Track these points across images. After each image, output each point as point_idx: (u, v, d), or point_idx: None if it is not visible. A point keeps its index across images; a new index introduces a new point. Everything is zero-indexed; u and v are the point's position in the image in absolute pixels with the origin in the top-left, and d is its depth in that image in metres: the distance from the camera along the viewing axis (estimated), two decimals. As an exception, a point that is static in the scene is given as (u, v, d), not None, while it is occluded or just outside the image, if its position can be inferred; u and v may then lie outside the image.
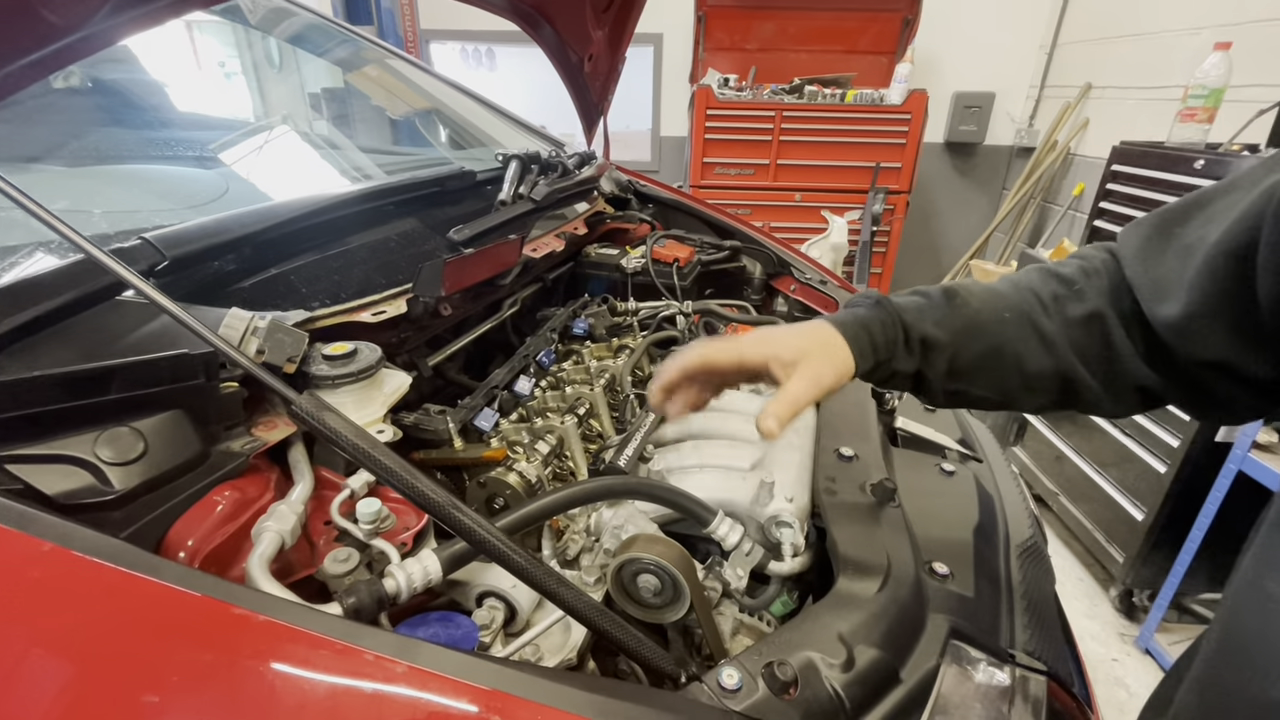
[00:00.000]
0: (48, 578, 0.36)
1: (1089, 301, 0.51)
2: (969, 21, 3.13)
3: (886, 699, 0.48)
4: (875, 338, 0.53)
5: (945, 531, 0.71)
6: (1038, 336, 0.52)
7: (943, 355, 0.53)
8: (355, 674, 0.34)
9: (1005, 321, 0.53)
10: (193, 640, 0.33)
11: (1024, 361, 0.52)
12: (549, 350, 0.99)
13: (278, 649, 0.34)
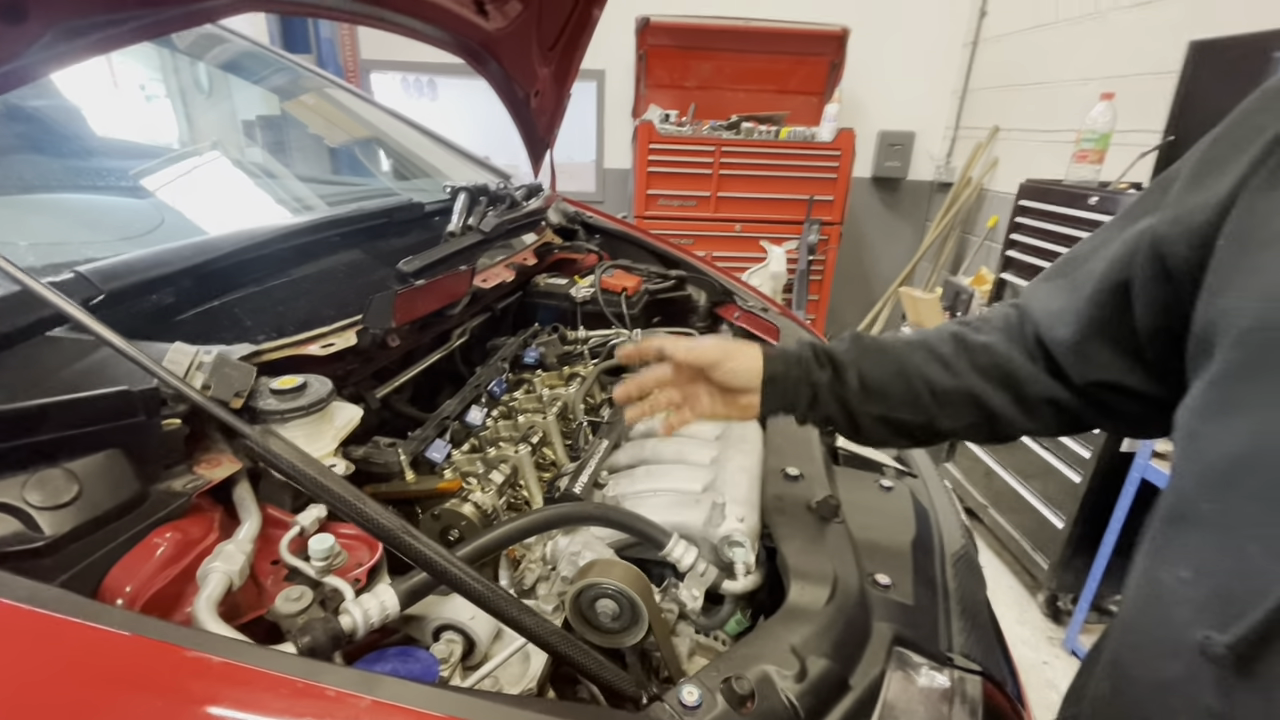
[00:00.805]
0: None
1: (986, 333, 0.58)
2: (890, 67, 3.37)
3: (838, 706, 0.51)
4: (789, 352, 0.63)
5: (885, 544, 0.75)
6: (938, 359, 0.58)
7: (851, 371, 0.59)
8: (318, 713, 0.33)
9: (908, 346, 0.60)
10: (143, 687, 0.32)
11: (930, 381, 0.57)
12: (500, 380, 0.99)
13: (236, 691, 0.33)
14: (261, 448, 0.43)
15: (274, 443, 0.43)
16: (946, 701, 0.58)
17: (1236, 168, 0.40)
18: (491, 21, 1.11)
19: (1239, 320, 0.37)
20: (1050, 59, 2.74)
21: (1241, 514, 0.35)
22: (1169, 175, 0.47)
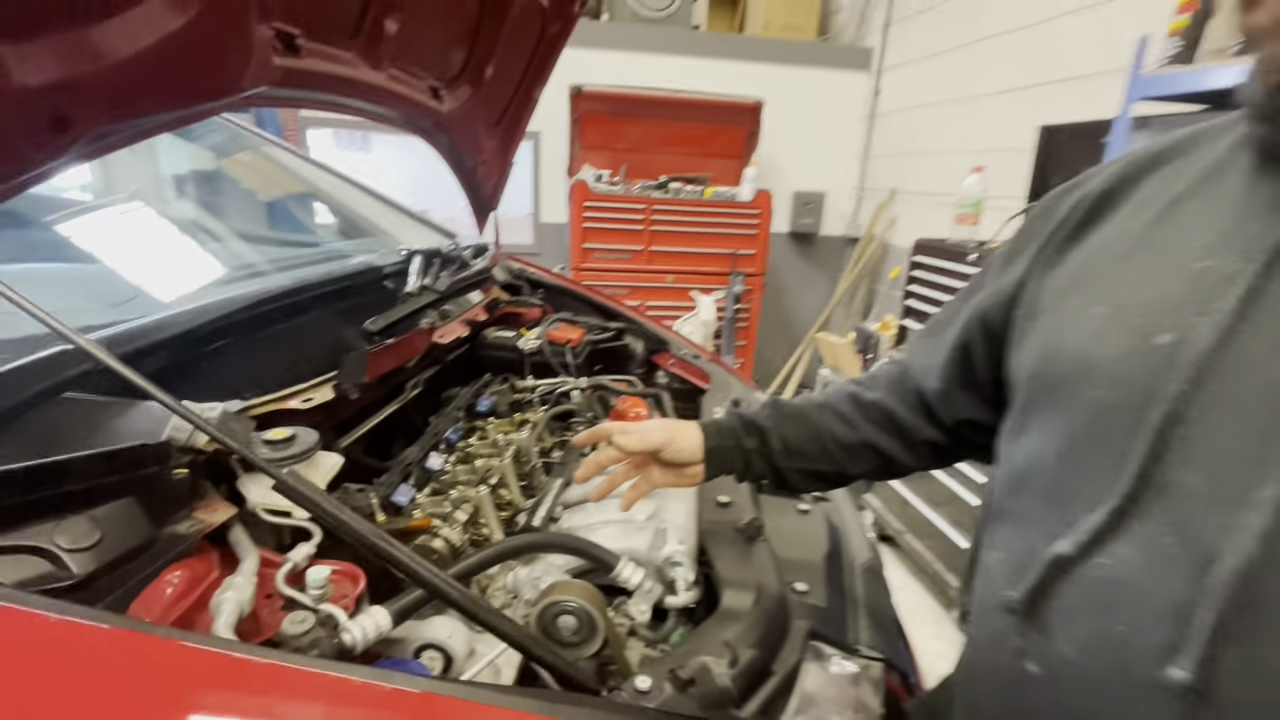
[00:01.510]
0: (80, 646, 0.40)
1: (874, 391, 0.72)
2: (801, 135, 3.73)
3: (764, 687, 0.61)
4: (721, 424, 0.74)
5: (802, 558, 0.87)
6: (840, 418, 0.72)
7: (774, 435, 0.72)
8: (358, 699, 0.41)
9: (817, 409, 0.73)
10: (214, 684, 0.39)
11: (836, 436, 0.71)
12: (457, 427, 1.07)
13: (281, 684, 0.40)
14: (291, 487, 0.51)
15: (300, 482, 0.51)
16: (854, 684, 0.70)
17: (1029, 253, 0.57)
18: (444, 104, 1.23)
19: (1024, 369, 0.53)
20: (934, 133, 3.14)
21: (1027, 509, 0.49)
22: (994, 257, 0.64)
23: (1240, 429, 0.37)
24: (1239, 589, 0.35)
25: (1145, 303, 0.43)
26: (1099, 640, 0.42)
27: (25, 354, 0.57)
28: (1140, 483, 0.40)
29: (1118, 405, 0.42)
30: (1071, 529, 0.43)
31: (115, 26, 0.53)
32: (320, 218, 1.96)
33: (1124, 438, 0.41)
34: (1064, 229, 0.53)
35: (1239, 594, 0.35)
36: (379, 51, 0.97)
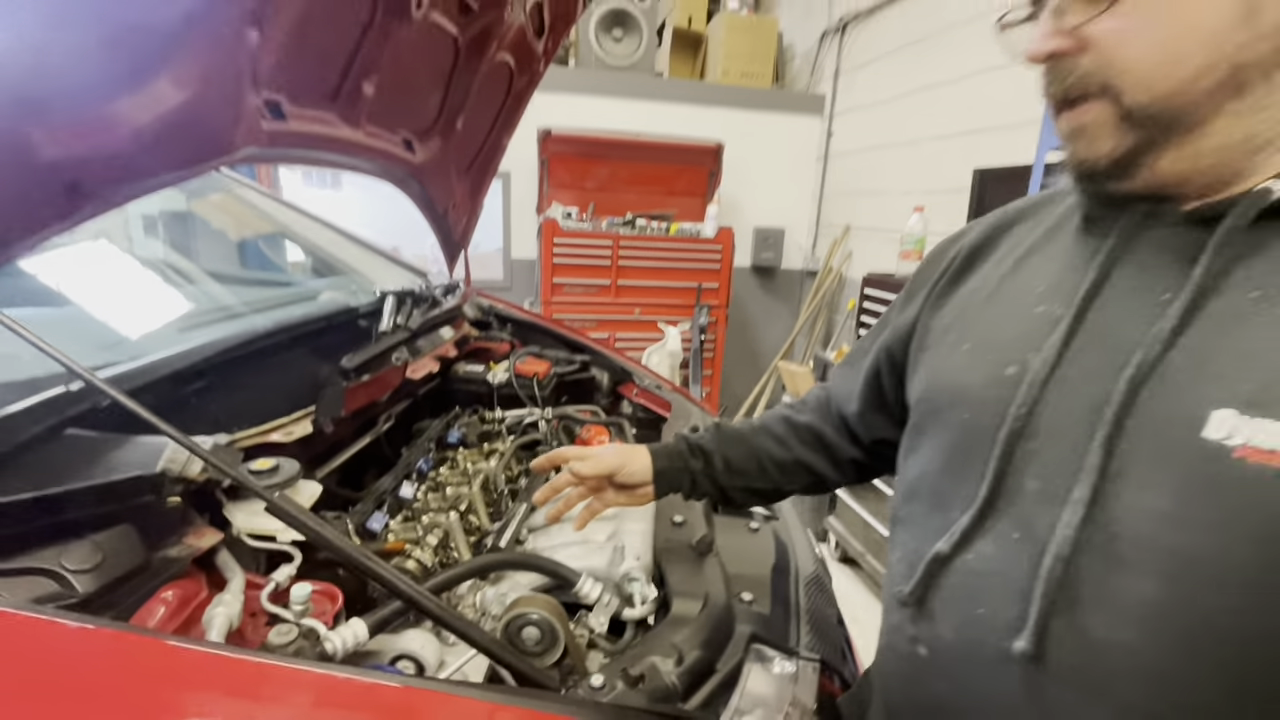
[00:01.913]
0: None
1: (805, 415, 0.82)
2: (760, 174, 3.93)
3: (707, 684, 0.68)
4: (669, 448, 0.83)
5: (750, 571, 0.95)
6: (775, 439, 0.81)
7: (717, 457, 0.81)
8: (336, 690, 0.47)
9: (755, 432, 0.82)
10: (210, 680, 0.45)
11: (773, 456, 0.80)
12: (427, 458, 1.13)
13: (274, 681, 0.46)
14: (282, 510, 0.57)
15: (289, 504, 0.57)
16: (792, 681, 0.77)
17: (921, 296, 0.67)
18: (417, 155, 1.32)
19: (915, 395, 0.62)
20: (882, 173, 3.35)
21: (917, 515, 0.58)
22: (898, 297, 0.74)
23: (1062, 442, 0.46)
24: (1061, 572, 0.44)
25: (998, 340, 0.53)
26: (968, 622, 0.50)
27: (30, 395, 0.62)
28: (994, 489, 0.49)
29: (980, 426, 0.51)
30: (948, 530, 0.52)
31: (126, 104, 0.60)
32: (292, 257, 2.01)
33: (984, 452, 0.50)
34: (946, 275, 0.64)
35: (1061, 576, 0.44)
36: (357, 111, 1.06)
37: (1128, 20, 0.41)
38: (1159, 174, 0.45)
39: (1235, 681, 0.39)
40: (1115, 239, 0.48)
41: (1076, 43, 0.44)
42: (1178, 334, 0.42)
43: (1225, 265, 0.42)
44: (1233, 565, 0.38)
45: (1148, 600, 0.40)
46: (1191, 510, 0.39)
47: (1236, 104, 0.41)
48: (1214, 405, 0.39)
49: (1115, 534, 0.42)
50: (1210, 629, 0.39)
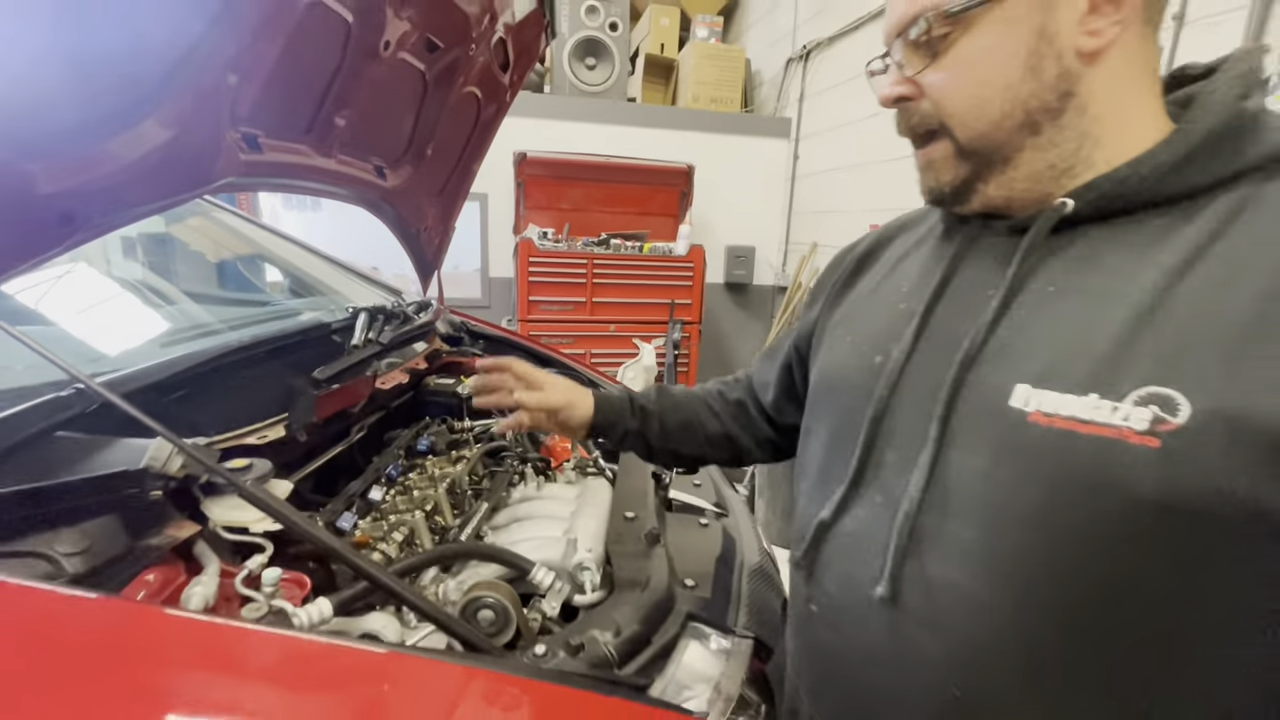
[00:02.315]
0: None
1: (737, 392, 0.91)
2: (729, 195, 4.07)
3: (643, 654, 0.76)
4: (613, 402, 0.88)
5: (696, 561, 1.03)
6: (710, 411, 0.89)
7: (655, 420, 0.88)
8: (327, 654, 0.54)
9: (693, 401, 0.90)
10: (196, 646, 0.52)
11: (705, 427, 0.88)
12: (397, 464, 1.20)
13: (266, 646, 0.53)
14: (253, 495, 0.64)
15: (261, 492, 0.64)
16: (725, 655, 0.84)
17: (823, 297, 0.76)
18: (389, 181, 1.40)
19: (811, 384, 0.71)
20: (844, 193, 3.50)
21: (809, 489, 0.66)
22: (807, 298, 0.83)
23: (914, 417, 0.55)
24: (909, 527, 0.52)
25: (871, 333, 0.62)
26: (844, 577, 0.58)
27: (23, 400, 0.69)
28: (863, 462, 0.58)
29: (854, 408, 0.60)
30: (829, 500, 0.60)
31: (118, 142, 0.68)
32: (271, 277, 2.07)
33: (856, 431, 0.59)
34: (842, 279, 0.73)
35: (909, 530, 0.52)
36: (329, 142, 1.14)
37: (948, 73, 0.51)
38: (989, 198, 0.54)
39: (1043, 608, 0.47)
40: (958, 247, 0.57)
41: (915, 89, 0.54)
42: (994, 324, 0.51)
43: (1032, 267, 0.51)
44: (1029, 509, 0.46)
45: (970, 544, 0.49)
46: (1000, 466, 0.48)
47: (1035, 140, 0.51)
48: (1015, 380, 0.48)
49: (947, 490, 0.51)
50: (1018, 565, 0.47)
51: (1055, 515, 0.45)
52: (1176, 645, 0.43)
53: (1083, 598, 0.45)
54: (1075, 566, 0.45)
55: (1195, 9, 1.69)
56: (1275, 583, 0.41)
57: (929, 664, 0.52)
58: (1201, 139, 0.46)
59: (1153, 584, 0.43)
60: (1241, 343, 0.40)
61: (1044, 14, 0.47)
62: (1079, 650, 0.46)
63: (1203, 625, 0.43)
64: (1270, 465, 0.38)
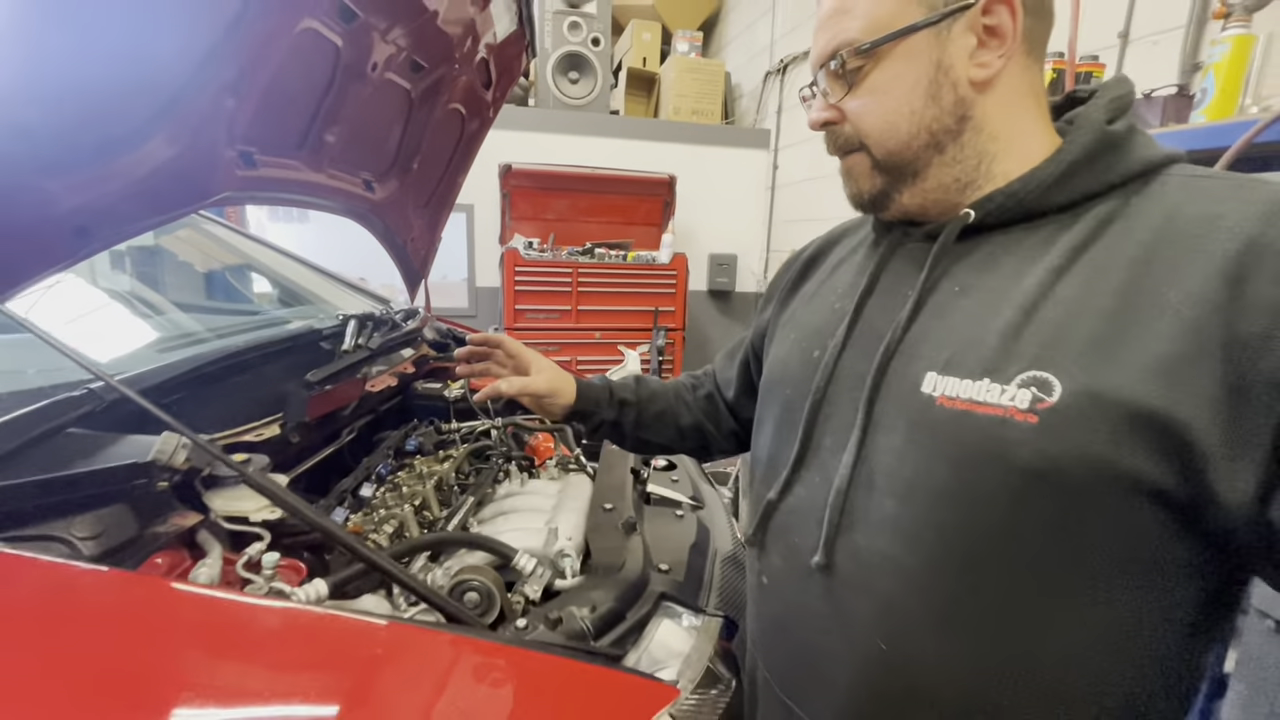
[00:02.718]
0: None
1: (706, 387, 0.97)
2: (711, 204, 4.17)
3: (618, 628, 0.82)
4: (593, 391, 0.92)
5: (671, 549, 1.09)
6: (684, 404, 0.96)
7: (632, 410, 0.93)
8: (334, 625, 0.60)
9: (669, 394, 0.96)
10: (206, 617, 0.57)
11: (679, 419, 0.95)
12: (386, 463, 1.26)
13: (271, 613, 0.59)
14: (258, 482, 0.69)
15: (264, 479, 0.70)
16: (695, 632, 0.91)
17: (775, 299, 0.83)
18: (377, 194, 1.47)
19: (762, 379, 0.78)
20: (822, 201, 3.60)
21: (761, 475, 0.72)
22: (761, 300, 0.90)
23: (845, 406, 0.62)
24: (841, 502, 0.59)
25: (811, 330, 0.69)
26: (788, 550, 0.65)
27: (35, 401, 0.75)
28: (804, 446, 0.65)
29: (796, 399, 0.67)
30: (775, 482, 0.67)
31: (125, 163, 0.74)
32: (261, 288, 2.11)
33: (798, 419, 0.65)
34: (790, 281, 0.81)
35: (841, 505, 0.59)
36: (320, 157, 1.21)
37: (863, 100, 0.59)
38: (904, 206, 0.62)
39: (949, 566, 0.53)
40: (883, 253, 0.65)
41: (838, 114, 0.61)
42: (910, 321, 0.58)
43: (944, 269, 0.59)
44: (936, 481, 0.53)
45: (890, 515, 0.56)
46: (913, 445, 0.55)
47: (940, 157, 0.58)
48: (926, 369, 0.55)
49: (872, 469, 0.57)
50: (928, 530, 0.53)
51: (957, 484, 0.52)
52: (1059, 589, 0.50)
53: (981, 554, 0.52)
54: (973, 527, 0.52)
55: (1137, 29, 1.80)
56: (1136, 533, 0.48)
57: (858, 622, 0.58)
58: (1076, 157, 0.53)
59: (1037, 539, 0.50)
60: (1103, 333, 0.48)
61: (940, 49, 0.55)
62: (978, 600, 0.52)
63: (1079, 571, 0.50)
64: (1126, 433, 0.46)
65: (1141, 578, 0.49)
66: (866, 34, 0.57)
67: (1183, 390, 0.44)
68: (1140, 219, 0.51)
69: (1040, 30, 0.58)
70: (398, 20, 1.11)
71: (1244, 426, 0.44)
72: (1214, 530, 0.47)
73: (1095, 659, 0.51)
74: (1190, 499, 0.46)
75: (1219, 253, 0.46)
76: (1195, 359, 0.44)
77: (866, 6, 0.57)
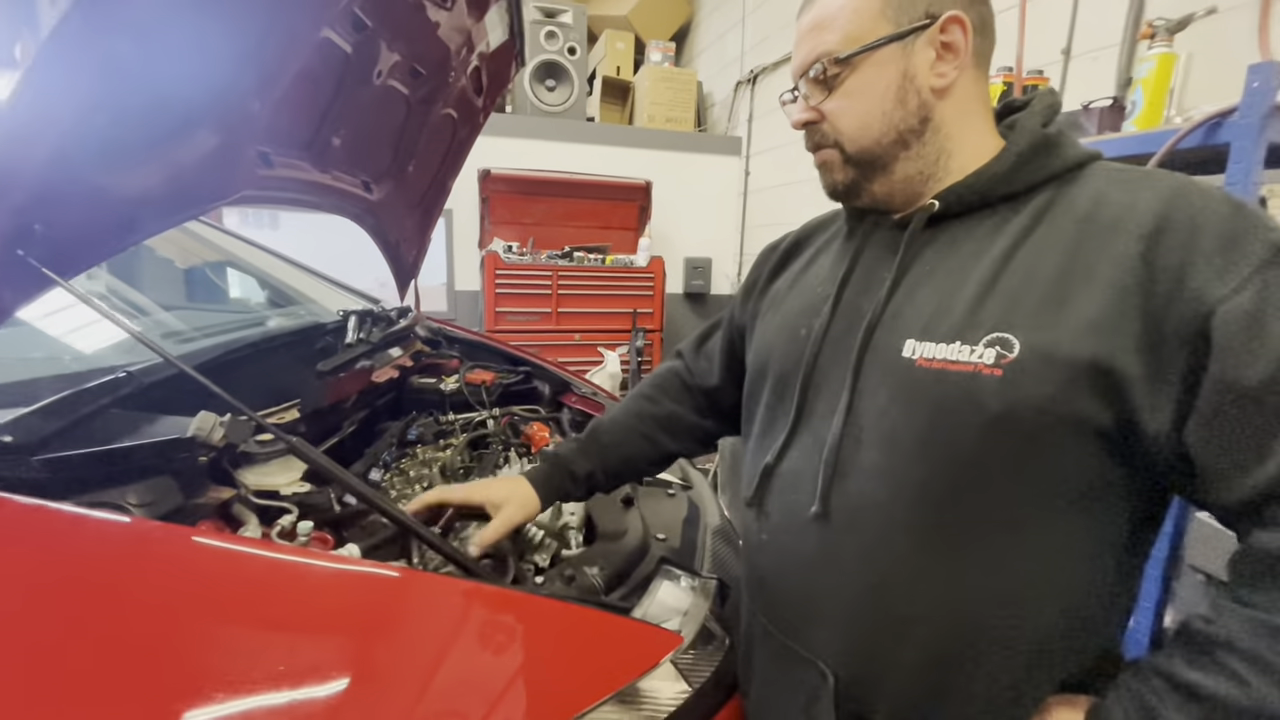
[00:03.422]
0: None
1: (665, 404, 1.01)
2: (686, 209, 4.28)
3: (622, 586, 0.90)
4: (553, 483, 0.94)
5: (666, 521, 1.17)
6: (646, 439, 0.98)
7: (598, 474, 0.96)
8: (353, 576, 0.66)
9: (628, 435, 0.98)
10: (245, 565, 0.64)
11: (645, 455, 0.99)
12: (391, 451, 1.31)
13: (299, 573, 0.65)
14: (301, 450, 0.76)
15: (306, 447, 0.76)
16: (692, 591, 0.99)
17: (757, 287, 0.91)
18: (374, 195, 1.53)
19: (749, 359, 0.87)
20: (793, 207, 3.75)
21: (755, 444, 0.80)
22: (739, 291, 0.98)
23: (834, 375, 0.71)
24: (833, 458, 0.68)
25: (796, 312, 0.79)
26: (787, 505, 0.73)
27: (78, 384, 0.80)
28: (798, 415, 0.73)
29: (788, 372, 0.76)
30: (772, 448, 0.75)
31: (171, 156, 0.80)
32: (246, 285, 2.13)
33: (791, 391, 0.74)
34: (770, 271, 0.90)
35: (834, 460, 0.68)
36: (325, 159, 1.27)
37: (840, 103, 0.68)
38: (874, 195, 0.71)
39: (927, 504, 0.62)
40: (858, 241, 0.75)
41: (817, 115, 0.71)
42: (889, 298, 0.68)
43: (915, 253, 0.69)
44: (916, 431, 0.62)
45: (876, 464, 0.64)
46: (895, 402, 0.64)
47: (906, 153, 0.68)
48: (905, 337, 0.64)
49: (860, 427, 0.67)
50: (909, 473, 0.62)
51: (933, 433, 0.61)
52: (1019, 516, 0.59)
53: (953, 491, 0.61)
54: (947, 469, 0.61)
55: (1079, 46, 1.96)
56: (1081, 464, 0.58)
57: (851, 561, 0.67)
58: (1018, 155, 0.64)
59: (1000, 474, 0.59)
60: (1049, 299, 0.58)
61: (905, 60, 0.65)
62: (952, 532, 0.62)
63: (1036, 500, 0.59)
64: (1072, 380, 0.55)
65: (1086, 503, 0.59)
66: (843, 46, 0.66)
67: (1114, 343, 0.54)
68: (1072, 206, 0.62)
69: (986, 47, 0.68)
70: (403, 30, 1.18)
71: (1160, 370, 0.54)
72: (1142, 456, 0.57)
73: (1051, 575, 0.60)
74: (1123, 432, 0.56)
75: (1135, 232, 0.57)
76: (1121, 317, 0.55)
77: (843, 22, 0.67)
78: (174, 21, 0.67)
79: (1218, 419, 0.53)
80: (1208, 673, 0.52)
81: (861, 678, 0.67)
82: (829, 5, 0.68)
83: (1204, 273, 0.53)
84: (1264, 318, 0.51)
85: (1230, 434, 0.52)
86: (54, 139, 0.61)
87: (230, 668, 0.54)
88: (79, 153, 0.66)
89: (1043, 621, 0.61)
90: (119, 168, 0.72)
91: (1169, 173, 0.62)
